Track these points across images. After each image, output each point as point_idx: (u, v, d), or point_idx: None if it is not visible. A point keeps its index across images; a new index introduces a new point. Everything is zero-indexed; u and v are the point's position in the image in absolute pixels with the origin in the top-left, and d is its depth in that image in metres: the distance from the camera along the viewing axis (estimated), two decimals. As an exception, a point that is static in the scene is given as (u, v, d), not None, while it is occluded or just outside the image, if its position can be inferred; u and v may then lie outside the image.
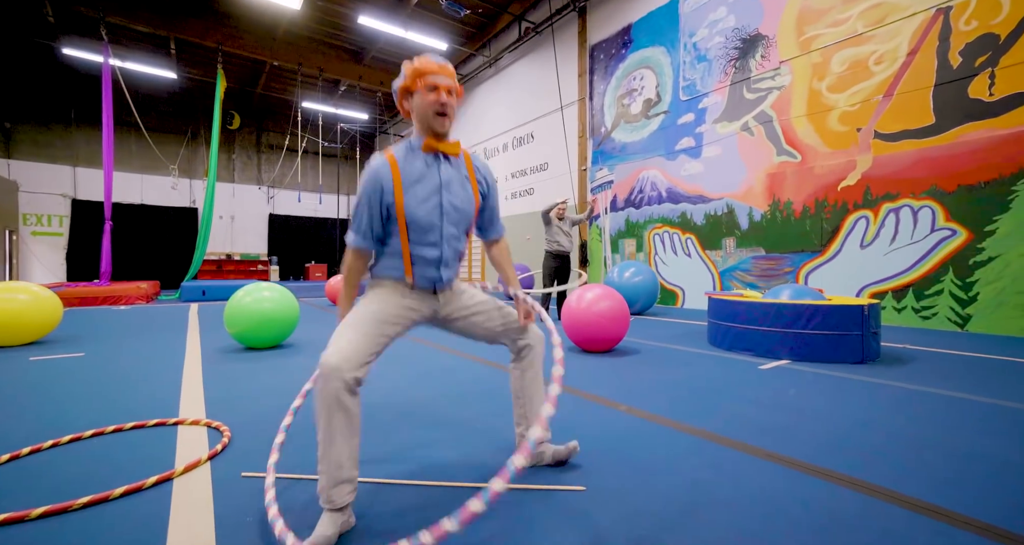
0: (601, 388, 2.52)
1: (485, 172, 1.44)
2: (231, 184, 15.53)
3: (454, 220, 1.35)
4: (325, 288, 8.08)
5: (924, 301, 4.84)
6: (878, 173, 5.17)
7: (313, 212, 16.72)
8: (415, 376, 2.89)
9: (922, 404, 2.23)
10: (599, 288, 3.48)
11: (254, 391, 2.53)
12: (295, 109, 14.01)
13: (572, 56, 9.42)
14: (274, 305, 3.61)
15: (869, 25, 5.23)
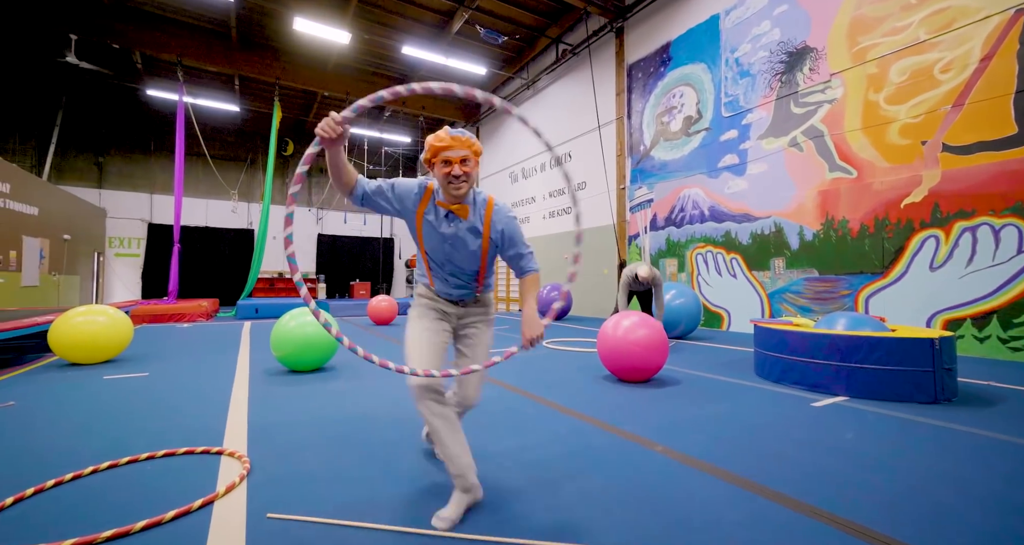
0: (636, 423, 2.40)
1: (504, 224, 1.57)
2: (284, 206, 16.56)
3: (459, 262, 1.60)
4: (367, 308, 8.34)
5: (1013, 330, 4.32)
6: (948, 188, 4.74)
7: (359, 232, 17.46)
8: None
9: (1008, 456, 1.95)
10: (636, 316, 3.36)
11: (292, 418, 2.61)
12: (344, 135, 14.85)
13: (609, 75, 9.43)
14: (317, 329, 3.76)
15: (932, 31, 4.88)
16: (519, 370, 3.95)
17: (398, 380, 3.57)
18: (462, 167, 1.45)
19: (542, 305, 9.03)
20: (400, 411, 2.73)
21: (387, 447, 2.12)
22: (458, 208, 1.51)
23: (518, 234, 1.61)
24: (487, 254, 1.61)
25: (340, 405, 2.86)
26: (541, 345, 1.81)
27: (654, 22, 8.46)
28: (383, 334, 6.86)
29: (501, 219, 1.57)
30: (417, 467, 1.89)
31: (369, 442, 2.19)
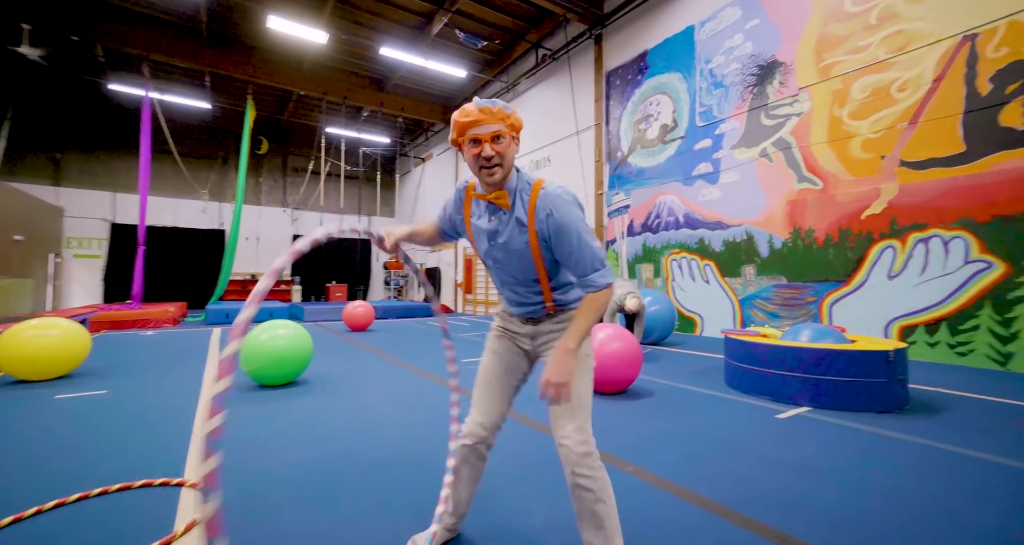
0: (609, 441, 2.45)
1: (552, 208, 1.19)
2: (257, 206, 16.11)
3: (507, 269, 1.31)
4: (343, 313, 8.20)
5: (960, 336, 4.59)
6: (905, 202, 4.99)
7: (335, 233, 17.14)
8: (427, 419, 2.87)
9: (952, 469, 2.08)
10: (611, 328, 3.42)
11: (263, 439, 2.55)
12: (319, 134, 14.55)
13: (588, 81, 9.53)
14: (288, 343, 3.68)
15: (891, 52, 5.13)
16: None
17: (376, 396, 3.54)
18: (494, 146, 1.17)
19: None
20: (379, 429, 2.71)
21: (367, 470, 2.11)
22: (496, 196, 1.24)
23: (572, 225, 1.18)
24: (540, 255, 1.25)
25: (315, 424, 2.81)
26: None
27: (632, 30, 8.60)
28: (359, 341, 6.77)
29: (548, 202, 1.19)
30: (401, 492, 1.89)
31: (347, 465, 2.17)
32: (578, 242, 1.19)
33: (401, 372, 4.45)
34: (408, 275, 18.06)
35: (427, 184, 16.90)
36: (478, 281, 13.68)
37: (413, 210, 17.75)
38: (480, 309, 13.45)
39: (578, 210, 1.21)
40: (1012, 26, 4.36)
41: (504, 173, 1.22)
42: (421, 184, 17.28)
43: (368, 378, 4.16)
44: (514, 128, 1.21)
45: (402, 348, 6.08)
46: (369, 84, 13.23)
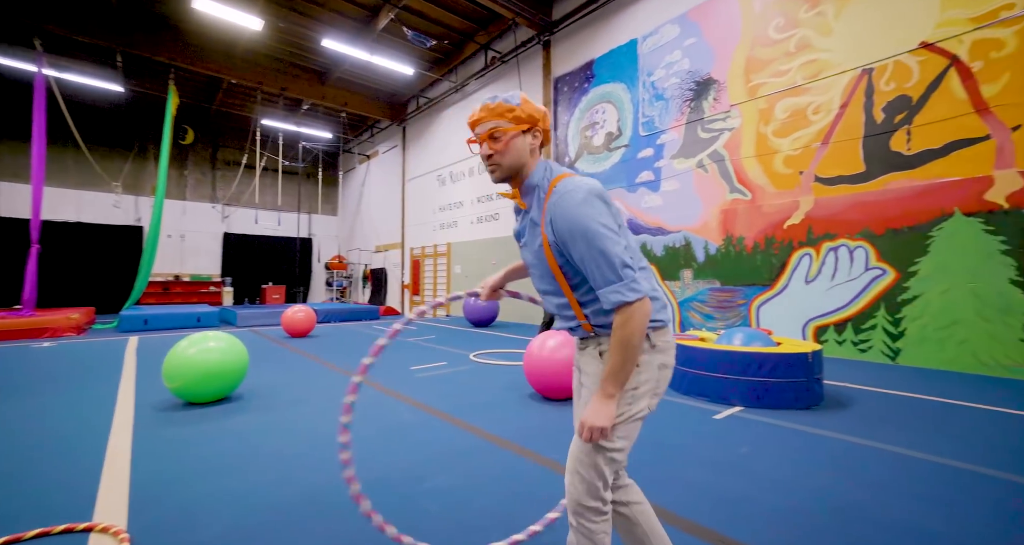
0: (559, 450, 2.51)
1: (558, 210, 1.05)
2: (182, 201, 14.76)
3: (536, 275, 1.22)
4: (281, 319, 7.72)
5: (861, 335, 5.18)
6: (819, 214, 5.54)
7: (272, 232, 16.12)
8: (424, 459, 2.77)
9: (862, 461, 2.35)
10: (561, 335, 3.50)
11: (190, 469, 2.33)
12: (254, 126, 13.59)
13: (537, 86, 9.66)
14: (221, 356, 3.41)
15: (807, 78, 5.67)
16: (444, 390, 3.92)
17: (319, 410, 3.37)
18: (491, 144, 1.11)
19: (477, 314, 8.99)
20: (323, 449, 2.58)
21: (309, 498, 2.00)
22: (514, 195, 1.17)
23: (579, 227, 1.02)
24: (555, 261, 1.11)
25: (250, 447, 2.61)
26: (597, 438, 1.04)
27: (579, 39, 8.83)
28: (300, 348, 6.41)
29: (556, 201, 1.06)
30: (351, 522, 1.81)
31: (286, 492, 2.05)
32: (587, 247, 1.02)
33: (345, 381, 4.27)
34: (352, 276, 17.37)
35: (372, 182, 16.34)
36: (425, 282, 13.44)
37: (357, 209, 17.10)
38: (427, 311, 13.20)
39: (590, 208, 1.02)
40: (898, 65, 4.98)
41: (505, 171, 1.14)
42: (366, 182, 16.69)
43: (310, 391, 3.95)
44: (522, 121, 1.11)
45: (347, 355, 5.83)
46: (310, 76, 12.56)
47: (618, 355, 1.02)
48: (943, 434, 2.73)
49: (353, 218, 17.46)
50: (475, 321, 9.10)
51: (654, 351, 1.11)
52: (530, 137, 1.14)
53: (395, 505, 1.90)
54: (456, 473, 2.22)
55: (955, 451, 2.46)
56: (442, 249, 12.68)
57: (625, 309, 1.01)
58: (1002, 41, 4.41)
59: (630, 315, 1.01)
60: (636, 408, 1.10)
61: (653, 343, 1.11)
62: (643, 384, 1.10)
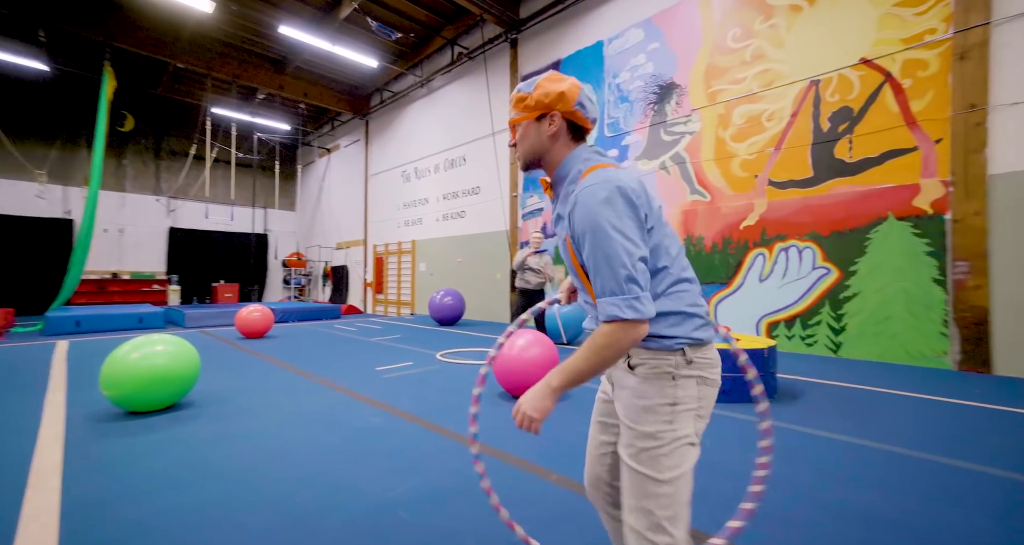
0: (531, 450, 2.53)
1: (576, 203, 0.97)
2: (121, 193, 13.68)
3: (569, 270, 1.11)
4: (235, 319, 7.34)
5: (808, 330, 5.53)
6: (772, 216, 5.86)
7: (224, 227, 15.25)
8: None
9: (814, 450, 2.51)
10: (530, 334, 3.52)
11: (132, 488, 2.12)
12: (204, 115, 12.79)
13: (504, 83, 9.64)
14: (169, 360, 3.19)
15: (762, 86, 5.96)
16: (412, 391, 3.86)
17: (278, 417, 3.23)
18: (513, 135, 1.13)
19: (443, 312, 8.88)
20: (283, 458, 2.47)
21: (267, 512, 1.91)
22: (545, 186, 1.13)
23: (590, 227, 0.93)
24: (576, 260, 1.03)
25: (203, 459, 2.45)
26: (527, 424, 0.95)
27: (546, 38, 8.87)
28: (256, 350, 6.11)
29: (577, 195, 0.97)
30: (316, 534, 1.74)
31: (242, 506, 1.94)
32: (592, 250, 0.92)
33: (308, 386, 4.11)
34: (311, 273, 16.74)
35: (333, 177, 15.80)
36: (389, 280, 13.16)
37: (317, 204, 16.49)
38: (392, 310, 12.96)
39: (609, 208, 0.92)
40: (841, 78, 5.34)
41: (523, 160, 1.11)
42: (327, 176, 16.11)
43: (269, 396, 3.77)
44: (537, 107, 1.04)
45: (308, 357, 5.62)
46: (266, 65, 11.96)
47: (584, 359, 0.93)
48: (878, 421, 2.96)
49: (312, 214, 16.82)
50: (440, 320, 9.01)
51: (690, 367, 1.00)
52: (546, 124, 1.06)
53: (366, 514, 1.85)
54: (428, 477, 2.19)
55: (889, 436, 2.68)
56: (407, 246, 12.45)
57: (617, 325, 0.90)
58: (927, 62, 4.82)
59: (618, 334, 0.90)
60: (679, 429, 0.96)
61: (689, 358, 0.99)
62: (682, 401, 0.98)
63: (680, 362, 0.99)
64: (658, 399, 0.97)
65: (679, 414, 0.97)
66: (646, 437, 0.96)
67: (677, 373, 0.98)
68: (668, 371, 0.98)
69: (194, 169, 14.28)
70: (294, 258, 16.49)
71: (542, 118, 1.06)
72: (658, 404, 0.97)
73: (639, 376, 1.00)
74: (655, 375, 0.99)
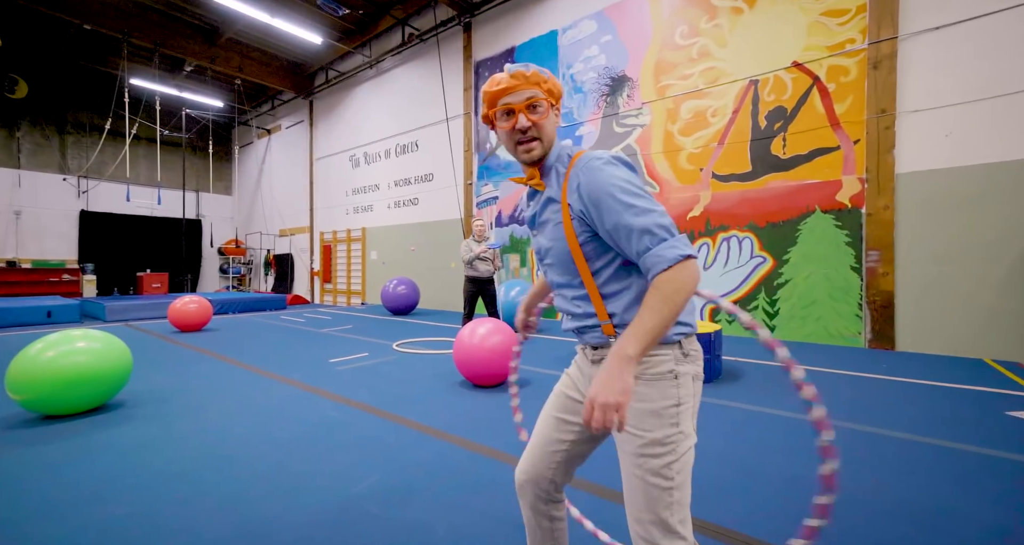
0: (497, 437, 2.57)
1: (583, 177, 0.94)
2: (15, 170, 12.02)
3: (551, 260, 1.05)
4: (168, 311, 6.76)
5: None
6: (715, 208, 6.23)
7: (149, 211, 13.89)
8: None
9: (757, 426, 2.75)
10: (490, 322, 3.54)
11: (52, 501, 1.89)
12: (120, 85, 11.46)
13: (457, 69, 9.43)
14: (94, 359, 2.89)
15: (707, 83, 6.26)
16: (369, 383, 3.78)
17: (224, 414, 3.04)
18: (530, 115, 0.98)
19: (396, 301, 8.66)
20: (231, 458, 2.34)
21: (229, 527, 1.81)
22: (531, 175, 1.05)
23: (608, 186, 0.90)
24: (575, 236, 0.97)
25: (139, 465, 2.24)
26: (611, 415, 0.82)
27: (501, 24, 8.75)
28: (193, 344, 5.69)
29: (580, 168, 0.96)
30: (274, 532, 1.67)
31: (197, 521, 1.83)
32: (622, 207, 0.88)
33: (256, 380, 3.90)
34: (252, 262, 15.71)
35: (274, 160, 14.82)
36: (338, 269, 12.65)
37: (257, 188, 15.42)
38: (341, 300, 12.50)
39: (618, 169, 0.93)
40: (776, 79, 5.73)
41: (545, 148, 1.02)
42: (267, 159, 15.08)
43: (212, 392, 3.54)
44: (552, 95, 1.01)
45: (254, 350, 5.31)
46: (194, 33, 10.88)
47: (656, 313, 0.81)
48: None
49: (252, 198, 15.72)
50: (394, 309, 8.82)
51: (687, 360, 0.94)
52: (556, 114, 1.04)
53: (331, 511, 1.80)
54: (392, 469, 2.17)
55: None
56: (356, 234, 12.00)
57: (684, 263, 0.83)
58: (848, 69, 5.28)
59: (685, 273, 0.82)
60: (685, 430, 0.91)
61: (685, 351, 0.94)
62: (684, 400, 0.92)
63: (679, 356, 0.93)
64: (662, 401, 0.91)
65: (683, 415, 0.92)
66: (655, 444, 0.89)
67: (678, 370, 0.92)
68: (670, 369, 0.92)
69: (111, 146, 12.83)
70: (232, 245, 15.38)
71: (552, 107, 1.03)
72: (663, 407, 0.90)
73: (637, 378, 0.91)
74: (656, 376, 0.92)
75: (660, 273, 0.83)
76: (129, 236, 13.60)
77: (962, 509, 1.76)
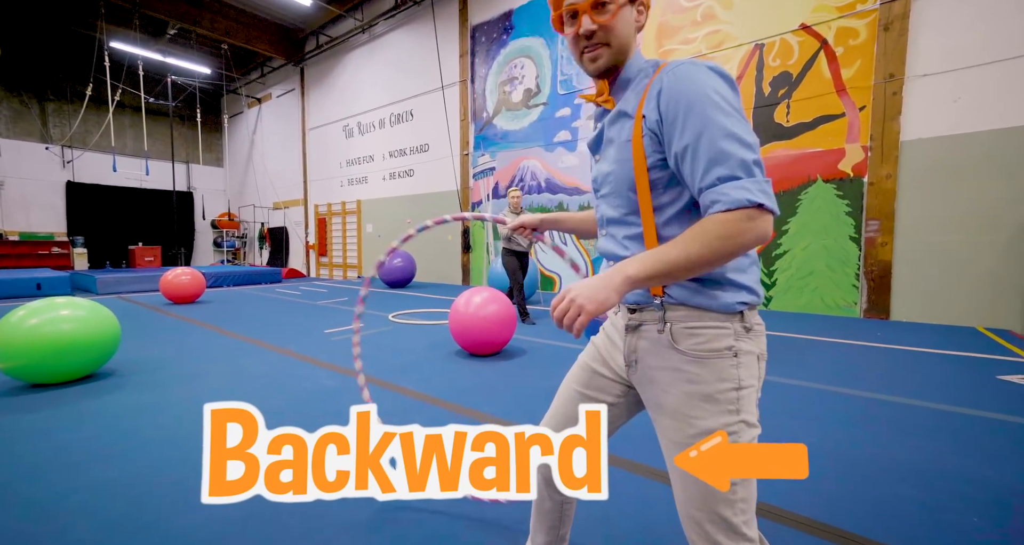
0: (494, 404, 2.57)
1: (667, 83, 0.76)
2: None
3: (607, 192, 0.88)
4: (160, 283, 6.70)
5: (742, 286, 5.97)
6: (714, 178, 6.11)
7: (138, 182, 13.57)
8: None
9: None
10: (486, 291, 3.51)
11: (42, 464, 1.86)
12: (100, 48, 10.96)
13: (453, 34, 9.05)
14: (80, 326, 2.84)
15: (711, 48, 6.03)
16: (366, 353, 3.77)
17: (217, 382, 3.03)
18: (596, 17, 0.81)
19: (393, 274, 8.60)
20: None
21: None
22: (600, 90, 0.88)
23: (693, 97, 0.72)
24: (644, 164, 0.79)
25: (131, 431, 2.21)
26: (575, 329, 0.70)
27: (497, -15, 8.35)
28: (186, 316, 5.65)
29: (667, 73, 0.77)
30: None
31: (194, 481, 1.83)
32: (705, 124, 0.71)
33: (251, 350, 3.89)
34: (246, 235, 15.53)
35: (265, 130, 14.43)
36: (334, 242, 12.53)
37: (248, 160, 15.07)
38: (337, 273, 12.43)
39: (715, 80, 0.74)
40: (783, 42, 5.51)
41: (613, 55, 0.83)
42: (258, 129, 14.69)
43: (205, 361, 3.53)
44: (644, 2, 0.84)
45: (247, 321, 5.29)
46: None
47: (684, 249, 0.68)
48: (804, 364, 3.30)
49: (244, 170, 15.39)
50: (391, 282, 8.78)
51: (749, 336, 0.78)
52: (634, 12, 0.84)
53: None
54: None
55: (813, 376, 3.00)
56: (351, 207, 11.82)
57: (749, 211, 0.68)
58: (857, 31, 5.07)
59: (745, 224, 0.68)
60: (747, 417, 0.77)
61: (748, 325, 0.78)
62: (746, 383, 0.77)
63: (740, 331, 0.77)
64: (719, 384, 0.76)
65: (744, 400, 0.77)
66: (710, 434, 0.73)
67: (739, 347, 0.77)
68: (728, 346, 0.76)
69: (93, 115, 12.40)
70: (225, 219, 15.15)
71: (632, 3, 0.84)
72: (720, 390, 0.76)
73: (689, 354, 0.77)
74: (710, 353, 0.76)
75: (715, 214, 0.69)
76: (119, 208, 13.34)
77: (957, 468, 1.78)
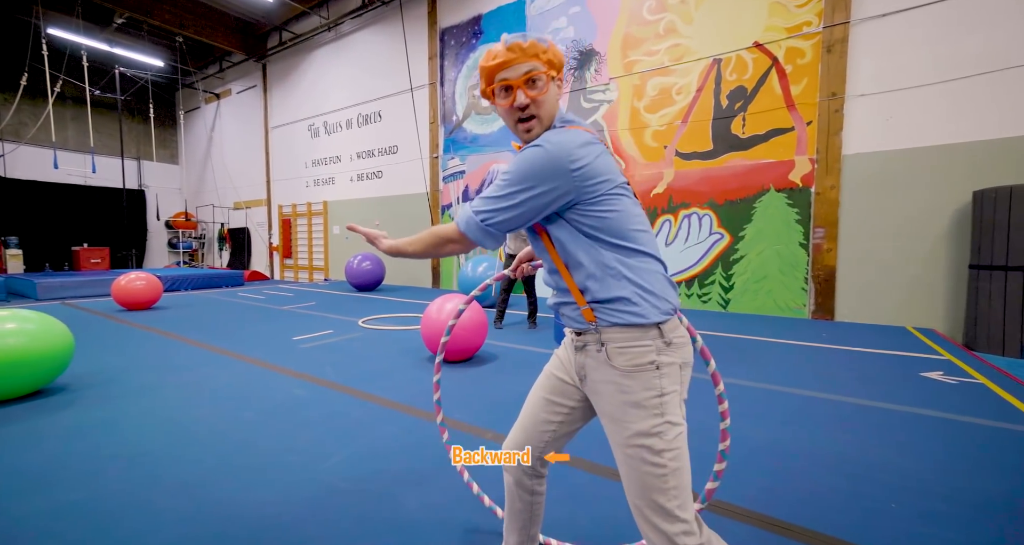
0: (466, 410, 2.63)
1: None
2: (-76, 134, 10.68)
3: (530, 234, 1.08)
4: (112, 289, 6.36)
5: (704, 289, 6.27)
6: (677, 185, 6.39)
7: (83, 180, 12.74)
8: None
9: (711, 394, 2.94)
10: (458, 298, 3.56)
11: None
12: (36, 35, 10.21)
13: (422, 36, 9.01)
14: (27, 340, 2.70)
15: (672, 61, 6.29)
16: (335, 360, 3.75)
17: (181, 395, 2.96)
18: (528, 91, 0.93)
19: (361, 277, 8.45)
20: (191, 440, 2.29)
21: (191, 505, 1.79)
22: None
23: (509, 164, 0.95)
24: (539, 224, 1.00)
25: (88, 450, 2.13)
26: None
27: (467, -11, 8.37)
28: (142, 324, 5.41)
29: None
30: (237, 512, 1.67)
31: (158, 500, 1.80)
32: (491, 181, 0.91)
33: (215, 359, 3.78)
34: (204, 236, 14.86)
35: (225, 127, 13.85)
36: (299, 244, 12.20)
37: (207, 157, 14.42)
38: (303, 276, 12.11)
39: (535, 154, 0.90)
40: (738, 58, 5.83)
41: (544, 125, 0.96)
42: (216, 126, 14.07)
43: (166, 372, 3.41)
44: (553, 65, 0.96)
45: (211, 328, 5.11)
46: (123, -19, 9.77)
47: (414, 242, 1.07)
48: (759, 365, 3.54)
49: (202, 168, 14.71)
50: (359, 285, 8.65)
51: (670, 349, 0.92)
52: (558, 85, 0.99)
53: (301, 488, 1.81)
54: (361, 445, 2.19)
55: (767, 377, 3.23)
56: (317, 208, 11.54)
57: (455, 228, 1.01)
58: (804, 51, 5.44)
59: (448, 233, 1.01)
60: (671, 418, 0.91)
61: (668, 340, 0.92)
62: (668, 390, 0.92)
63: (661, 346, 0.92)
64: (644, 393, 0.91)
65: (667, 404, 0.91)
66: (640, 435, 0.90)
67: (660, 360, 0.91)
68: (651, 360, 0.91)
69: (29, 106, 11.55)
70: (182, 219, 14.44)
71: (554, 79, 0.98)
72: (645, 397, 0.91)
73: (621, 369, 0.92)
74: (638, 368, 0.91)
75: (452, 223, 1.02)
76: (60, 207, 12.47)
77: (878, 458, 1.99)
